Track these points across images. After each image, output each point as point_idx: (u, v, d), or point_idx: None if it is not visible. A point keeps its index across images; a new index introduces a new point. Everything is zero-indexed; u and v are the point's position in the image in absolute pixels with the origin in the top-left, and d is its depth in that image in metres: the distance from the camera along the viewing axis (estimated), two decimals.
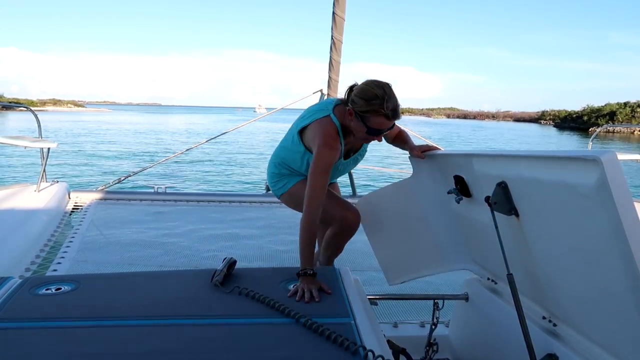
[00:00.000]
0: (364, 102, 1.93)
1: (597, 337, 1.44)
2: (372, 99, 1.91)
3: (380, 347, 1.47)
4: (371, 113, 1.92)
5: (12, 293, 1.72)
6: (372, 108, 1.92)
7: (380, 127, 1.96)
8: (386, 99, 1.90)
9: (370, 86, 1.94)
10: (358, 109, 1.95)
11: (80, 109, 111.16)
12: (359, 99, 1.95)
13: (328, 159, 2.00)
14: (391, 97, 1.92)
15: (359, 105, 1.94)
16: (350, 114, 1.99)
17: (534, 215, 1.51)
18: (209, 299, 1.73)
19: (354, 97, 1.97)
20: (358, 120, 1.97)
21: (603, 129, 15.02)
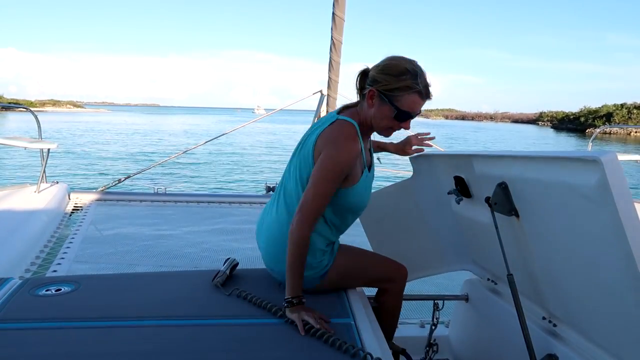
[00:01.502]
0: (393, 78, 1.59)
1: (597, 337, 1.44)
2: (402, 73, 1.59)
3: (380, 348, 1.47)
4: (402, 90, 1.59)
5: (12, 294, 1.72)
6: (403, 84, 1.58)
7: (413, 109, 1.63)
8: (419, 73, 1.60)
9: (397, 59, 1.62)
10: (384, 87, 1.60)
11: (79, 110, 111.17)
12: (384, 75, 1.60)
13: (346, 159, 1.60)
14: (423, 72, 1.63)
15: (386, 82, 1.60)
16: (371, 98, 1.64)
17: (534, 215, 1.51)
18: (209, 300, 1.73)
19: (376, 76, 1.62)
20: (384, 103, 1.62)
21: (602, 130, 15.04)
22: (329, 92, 4.36)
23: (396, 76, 1.59)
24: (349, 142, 1.61)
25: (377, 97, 1.62)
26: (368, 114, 1.67)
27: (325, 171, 1.60)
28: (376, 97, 1.62)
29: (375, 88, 1.61)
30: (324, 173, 1.60)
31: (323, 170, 1.60)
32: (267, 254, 1.81)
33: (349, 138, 1.62)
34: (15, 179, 12.29)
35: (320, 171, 1.60)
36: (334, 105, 4.41)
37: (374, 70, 1.64)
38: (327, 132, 1.65)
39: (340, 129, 1.64)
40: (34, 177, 5.03)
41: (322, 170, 1.60)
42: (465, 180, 1.88)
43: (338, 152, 1.59)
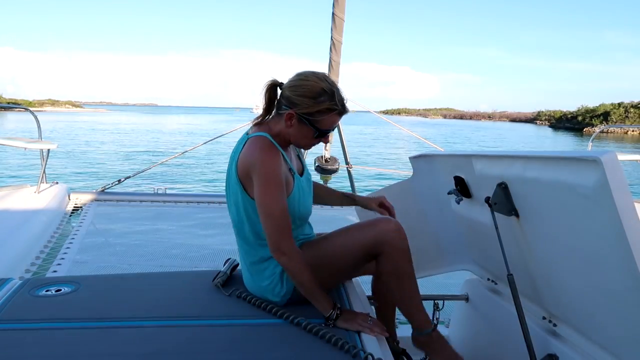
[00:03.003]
0: (311, 101, 1.56)
1: (597, 337, 1.44)
2: (320, 95, 1.56)
3: (380, 348, 1.47)
4: (322, 113, 1.57)
5: (12, 294, 1.72)
6: (323, 107, 1.56)
7: (332, 126, 1.64)
8: (335, 92, 1.58)
9: (310, 79, 1.58)
10: (303, 110, 1.57)
11: (78, 110, 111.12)
12: (301, 97, 1.56)
13: (273, 166, 1.55)
14: (338, 88, 1.60)
15: (305, 106, 1.56)
16: (289, 119, 1.59)
17: (534, 215, 1.52)
18: (209, 300, 1.73)
19: (293, 98, 1.58)
20: (303, 124, 1.59)
21: (603, 129, 15.07)
22: None
23: (314, 98, 1.56)
24: (267, 152, 1.57)
25: (296, 119, 1.59)
26: (286, 131, 1.63)
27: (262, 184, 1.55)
28: (295, 119, 1.59)
29: (294, 111, 1.58)
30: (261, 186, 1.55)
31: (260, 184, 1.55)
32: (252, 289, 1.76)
33: (265, 149, 1.58)
34: (15, 179, 12.28)
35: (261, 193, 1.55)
36: None
37: (290, 91, 1.59)
38: (244, 154, 1.61)
39: (254, 146, 1.60)
40: (34, 177, 5.02)
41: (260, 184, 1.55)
42: (465, 180, 1.88)
43: (262, 165, 1.55)
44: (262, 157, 1.56)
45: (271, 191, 1.55)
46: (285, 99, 1.60)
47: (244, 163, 1.60)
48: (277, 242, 1.54)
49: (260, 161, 1.56)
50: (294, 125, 1.60)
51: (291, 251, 1.55)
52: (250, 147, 1.61)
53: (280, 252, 1.54)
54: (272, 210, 1.54)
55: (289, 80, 1.62)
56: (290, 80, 1.62)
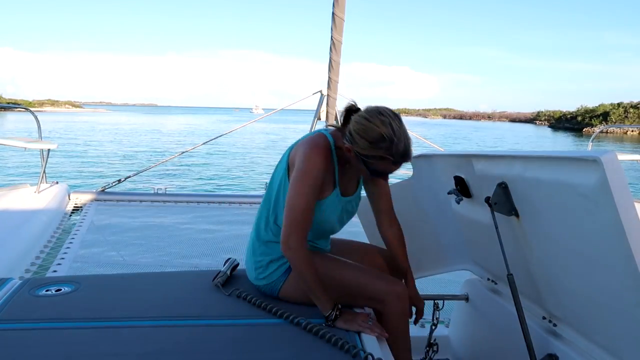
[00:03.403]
0: (368, 145, 1.52)
1: (597, 337, 1.44)
2: (378, 141, 1.50)
3: (380, 348, 1.47)
4: (376, 158, 1.53)
5: (12, 294, 1.72)
6: (378, 153, 1.51)
7: (386, 172, 1.60)
8: (395, 141, 1.50)
9: (373, 121, 1.51)
10: (359, 150, 1.54)
11: (78, 110, 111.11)
12: (361, 138, 1.53)
13: (314, 164, 1.56)
14: (401, 137, 1.52)
15: (361, 147, 1.53)
16: (348, 151, 1.58)
17: (534, 215, 1.52)
18: (209, 300, 1.73)
19: (353, 134, 1.55)
20: (359, 161, 1.57)
21: (603, 129, 15.07)
22: (329, 92, 4.36)
23: (372, 143, 1.51)
24: (316, 150, 1.59)
25: (354, 155, 1.58)
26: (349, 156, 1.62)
27: (297, 182, 1.57)
28: (352, 154, 1.58)
29: (352, 148, 1.56)
30: (296, 184, 1.57)
31: (295, 181, 1.58)
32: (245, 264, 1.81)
33: (317, 147, 1.60)
34: (15, 180, 12.28)
35: (293, 185, 1.58)
36: (334, 105, 4.41)
37: (354, 125, 1.56)
38: (302, 142, 1.65)
39: (312, 140, 1.63)
40: (34, 177, 5.02)
41: (294, 181, 1.58)
42: (465, 180, 1.88)
43: (305, 159, 1.58)
44: (309, 153, 1.59)
45: (302, 186, 1.56)
46: (349, 132, 1.57)
47: (297, 149, 1.64)
48: (288, 235, 1.54)
49: (306, 155, 1.58)
50: (352, 158, 1.60)
51: (298, 248, 1.54)
52: (309, 139, 1.65)
53: (287, 246, 1.54)
54: (296, 205, 1.56)
55: (360, 114, 1.57)
56: (360, 113, 1.57)
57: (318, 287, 1.56)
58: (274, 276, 1.70)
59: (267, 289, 1.73)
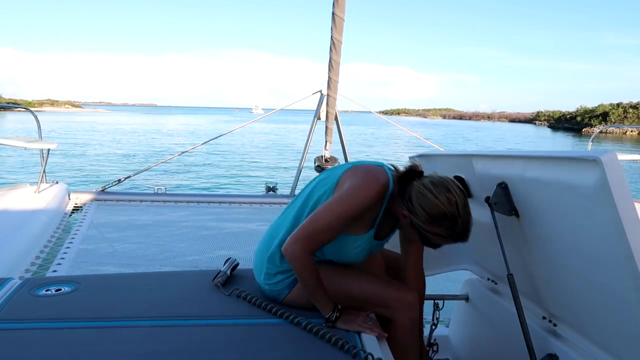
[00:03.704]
0: (428, 220, 1.47)
1: (597, 337, 1.44)
2: (440, 218, 1.46)
3: (380, 348, 1.47)
4: (434, 234, 1.50)
5: (12, 294, 1.72)
6: (437, 231, 1.48)
7: (438, 244, 1.56)
8: (458, 222, 1.46)
9: (440, 198, 1.46)
10: (418, 222, 1.50)
11: (77, 110, 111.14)
12: (421, 210, 1.48)
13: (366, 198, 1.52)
14: (464, 217, 1.48)
15: (421, 219, 1.49)
16: (404, 217, 1.54)
17: (534, 215, 1.52)
18: (209, 300, 1.73)
19: (415, 204, 1.50)
20: (413, 229, 1.54)
21: (602, 129, 15.07)
22: (329, 92, 4.36)
23: (433, 219, 1.47)
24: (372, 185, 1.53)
25: (409, 221, 1.53)
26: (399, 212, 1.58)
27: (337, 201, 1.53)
28: (408, 220, 1.53)
29: (410, 216, 1.52)
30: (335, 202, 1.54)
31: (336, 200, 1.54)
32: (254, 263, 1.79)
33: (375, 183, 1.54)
34: (15, 180, 12.28)
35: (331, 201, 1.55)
36: (334, 105, 4.41)
37: (416, 194, 1.50)
38: (363, 167, 1.60)
39: (375, 173, 1.57)
40: (34, 177, 5.02)
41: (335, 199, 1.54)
42: (465, 180, 1.88)
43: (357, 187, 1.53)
44: (366, 184, 1.54)
45: (339, 208, 1.52)
46: (410, 196, 1.52)
47: (353, 172, 1.59)
48: (296, 240, 1.51)
49: (362, 185, 1.54)
50: (407, 223, 1.56)
51: (300, 256, 1.50)
52: (371, 170, 1.58)
53: (289, 250, 1.51)
54: (321, 220, 1.52)
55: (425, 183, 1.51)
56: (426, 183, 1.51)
57: (318, 289, 1.55)
58: (279, 285, 1.69)
59: (272, 294, 1.72)
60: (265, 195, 4.72)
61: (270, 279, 1.70)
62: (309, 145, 4.74)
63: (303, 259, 1.51)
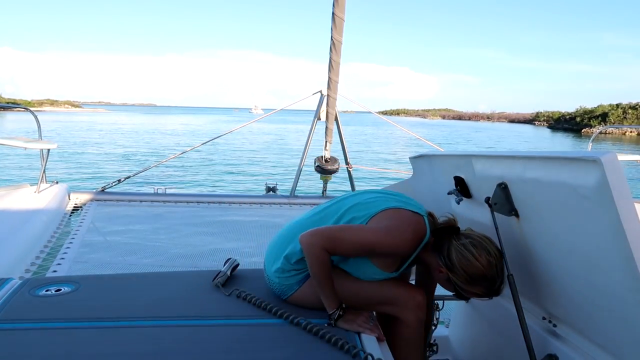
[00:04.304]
0: (467, 279, 1.53)
1: (597, 337, 1.44)
2: (479, 279, 1.53)
3: (380, 348, 1.47)
4: (470, 293, 1.57)
5: (12, 294, 1.72)
6: (475, 290, 1.55)
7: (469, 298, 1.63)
8: (497, 283, 1.53)
9: (480, 260, 1.52)
10: (456, 280, 1.56)
11: (77, 110, 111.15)
12: (461, 270, 1.54)
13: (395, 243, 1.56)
14: (501, 278, 1.54)
15: (460, 277, 1.55)
16: (440, 272, 1.60)
17: (534, 216, 1.52)
18: (209, 300, 1.73)
19: (455, 263, 1.55)
20: (449, 285, 1.61)
21: (602, 130, 15.07)
22: (329, 92, 4.36)
23: (471, 279, 1.53)
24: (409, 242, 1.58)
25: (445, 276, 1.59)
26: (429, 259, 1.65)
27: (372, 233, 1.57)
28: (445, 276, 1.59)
29: (447, 273, 1.58)
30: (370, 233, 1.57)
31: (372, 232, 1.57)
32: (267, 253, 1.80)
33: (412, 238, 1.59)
34: (14, 179, 12.28)
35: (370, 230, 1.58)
36: (334, 105, 4.41)
37: (457, 252, 1.55)
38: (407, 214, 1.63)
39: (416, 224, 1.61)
40: (33, 177, 5.02)
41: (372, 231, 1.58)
42: (465, 180, 1.88)
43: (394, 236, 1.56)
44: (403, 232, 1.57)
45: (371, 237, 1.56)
46: (449, 254, 1.57)
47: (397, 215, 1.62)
48: (316, 234, 1.55)
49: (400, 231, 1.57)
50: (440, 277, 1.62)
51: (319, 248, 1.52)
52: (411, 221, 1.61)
53: (308, 242, 1.54)
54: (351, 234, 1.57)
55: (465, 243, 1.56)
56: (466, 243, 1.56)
57: (327, 283, 1.56)
58: (291, 280, 1.69)
59: (278, 290, 1.72)
60: (265, 195, 4.72)
61: (282, 273, 1.70)
62: (309, 146, 4.74)
63: (319, 252, 1.53)
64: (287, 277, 1.70)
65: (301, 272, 1.68)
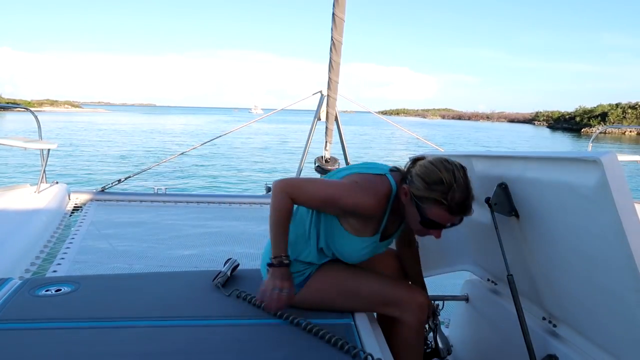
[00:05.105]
0: (424, 186, 1.49)
1: (597, 337, 1.44)
2: (435, 183, 1.47)
3: (380, 348, 1.47)
4: (430, 201, 1.49)
5: (12, 294, 1.72)
6: (432, 196, 1.48)
7: (441, 221, 1.52)
8: (453, 187, 1.46)
9: (437, 166, 1.50)
10: (415, 191, 1.51)
11: (77, 110, 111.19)
12: (418, 179, 1.51)
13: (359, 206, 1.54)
14: (462, 187, 1.48)
15: (417, 187, 1.51)
16: (405, 195, 1.56)
17: (534, 216, 1.52)
18: (209, 300, 1.73)
19: (414, 176, 1.53)
20: (413, 205, 1.53)
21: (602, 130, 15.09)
22: (329, 92, 4.35)
23: (428, 185, 1.49)
24: (370, 198, 1.55)
25: (409, 198, 1.54)
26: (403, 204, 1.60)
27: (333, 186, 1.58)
28: (408, 197, 1.55)
29: (409, 187, 1.54)
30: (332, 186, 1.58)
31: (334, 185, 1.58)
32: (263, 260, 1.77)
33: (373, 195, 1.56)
34: (14, 179, 12.27)
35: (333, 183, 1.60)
36: (334, 106, 4.41)
37: (416, 168, 1.55)
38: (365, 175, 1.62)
39: (375, 183, 1.59)
40: (34, 177, 5.02)
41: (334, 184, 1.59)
42: None
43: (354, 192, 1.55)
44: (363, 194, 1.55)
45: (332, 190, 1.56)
46: (410, 174, 1.56)
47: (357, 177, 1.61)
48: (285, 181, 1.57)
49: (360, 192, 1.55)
50: (407, 203, 1.57)
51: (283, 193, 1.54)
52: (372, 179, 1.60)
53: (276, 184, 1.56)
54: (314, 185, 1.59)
55: (426, 159, 1.57)
56: (427, 159, 1.57)
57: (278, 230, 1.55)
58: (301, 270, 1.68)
59: None
60: (265, 195, 4.72)
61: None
62: (309, 146, 4.74)
63: (282, 197, 1.54)
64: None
65: (298, 275, 1.68)
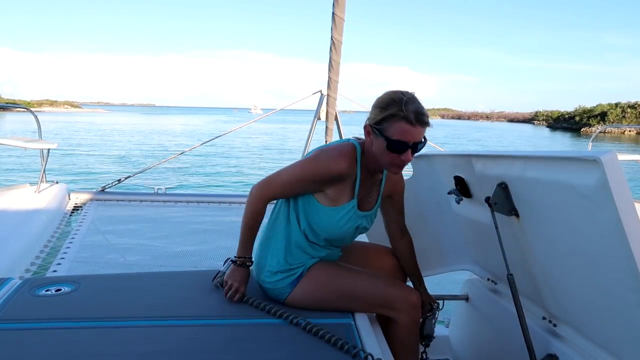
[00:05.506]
0: (379, 110, 1.57)
1: (597, 337, 1.44)
2: (387, 103, 1.56)
3: (380, 348, 1.47)
4: (388, 120, 1.54)
5: (12, 294, 1.72)
6: (388, 113, 1.54)
7: (404, 137, 1.54)
8: (404, 100, 1.53)
9: (386, 93, 1.60)
10: (373, 120, 1.58)
11: (76, 110, 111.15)
12: (373, 108, 1.59)
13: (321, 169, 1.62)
14: (412, 99, 1.55)
15: (374, 115, 1.58)
16: (368, 135, 1.62)
17: (534, 215, 1.52)
18: (209, 300, 1.74)
19: (368, 113, 1.63)
20: (377, 136, 1.58)
21: (602, 129, 15.09)
22: (329, 92, 4.35)
23: (381, 108, 1.57)
24: (335, 158, 1.62)
25: (372, 133, 1.60)
26: (370, 150, 1.64)
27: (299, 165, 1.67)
28: (371, 133, 1.60)
29: (368, 123, 1.61)
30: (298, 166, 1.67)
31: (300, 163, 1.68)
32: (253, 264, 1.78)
33: (338, 155, 1.63)
34: (14, 179, 12.27)
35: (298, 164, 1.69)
36: (334, 105, 4.41)
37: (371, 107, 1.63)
38: (328, 146, 1.74)
39: (337, 145, 1.69)
40: (34, 177, 5.02)
41: (299, 163, 1.68)
42: (465, 180, 1.88)
43: (319, 158, 1.64)
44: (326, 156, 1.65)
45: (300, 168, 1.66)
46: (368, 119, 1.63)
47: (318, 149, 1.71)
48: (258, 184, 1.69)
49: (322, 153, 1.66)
50: (372, 141, 1.61)
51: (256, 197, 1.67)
52: (333, 144, 1.74)
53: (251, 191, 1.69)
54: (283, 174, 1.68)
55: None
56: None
57: (248, 232, 1.70)
58: (280, 284, 1.70)
59: (274, 294, 1.73)
60: None
61: (270, 277, 1.71)
62: (309, 146, 4.74)
63: (255, 201, 1.67)
64: (277, 282, 1.70)
65: (289, 275, 1.69)
